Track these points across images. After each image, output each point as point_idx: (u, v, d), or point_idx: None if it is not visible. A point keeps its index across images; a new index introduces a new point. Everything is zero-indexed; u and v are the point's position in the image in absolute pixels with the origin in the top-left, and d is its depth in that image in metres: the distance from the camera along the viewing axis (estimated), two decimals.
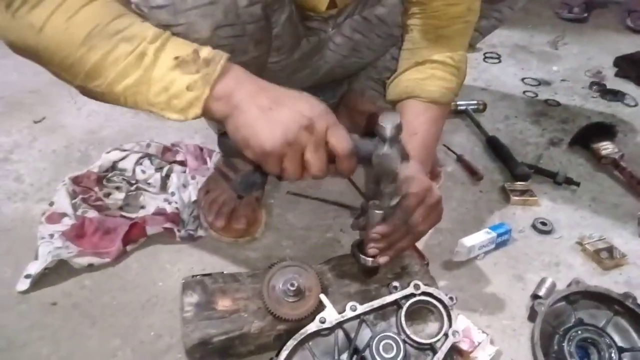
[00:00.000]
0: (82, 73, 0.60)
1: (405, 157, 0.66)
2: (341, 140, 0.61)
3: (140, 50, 0.58)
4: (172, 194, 1.03)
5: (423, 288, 0.70)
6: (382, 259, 0.73)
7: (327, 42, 1.00)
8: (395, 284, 0.71)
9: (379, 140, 0.63)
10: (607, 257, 0.98)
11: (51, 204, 0.99)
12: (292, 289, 0.71)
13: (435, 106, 0.87)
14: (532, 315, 0.83)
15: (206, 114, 0.60)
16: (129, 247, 0.94)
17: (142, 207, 1.02)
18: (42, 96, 1.45)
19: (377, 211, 0.70)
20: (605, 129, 1.36)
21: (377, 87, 1.15)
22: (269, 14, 0.73)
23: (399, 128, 0.63)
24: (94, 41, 0.59)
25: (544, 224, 1.07)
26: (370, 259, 0.74)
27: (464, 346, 0.78)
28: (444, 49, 0.86)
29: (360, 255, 0.75)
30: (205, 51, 0.60)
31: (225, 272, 0.83)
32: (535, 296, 0.88)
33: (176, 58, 0.59)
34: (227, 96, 0.60)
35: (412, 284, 0.70)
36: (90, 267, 0.90)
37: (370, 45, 1.02)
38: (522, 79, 1.71)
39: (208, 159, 1.14)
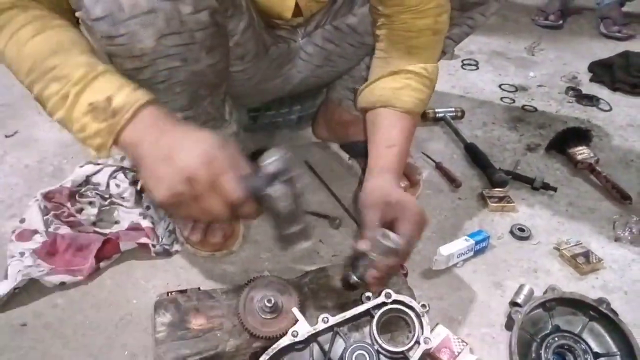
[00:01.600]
0: (33, 96, 0.66)
1: (299, 195, 0.62)
2: (230, 188, 0.59)
3: (64, 92, 0.62)
4: (147, 207, 1.01)
5: (394, 296, 0.69)
6: (379, 288, 0.72)
7: (298, 52, 1.00)
8: (368, 294, 0.71)
9: (265, 179, 0.60)
10: (583, 262, 0.98)
11: (22, 220, 0.96)
12: (268, 305, 0.70)
13: (408, 117, 0.87)
14: (509, 324, 0.83)
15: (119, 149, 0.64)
16: (102, 264, 0.91)
17: (116, 222, 1.00)
18: (14, 110, 1.42)
19: (389, 245, 0.69)
20: (581, 134, 1.38)
21: (354, 96, 1.15)
22: (219, 20, 0.72)
23: (284, 162, 0.60)
24: (33, 76, 0.64)
25: (522, 230, 1.07)
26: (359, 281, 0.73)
27: (444, 357, 0.78)
28: (416, 59, 0.87)
29: (353, 277, 0.73)
30: (119, 98, 0.61)
31: (201, 288, 0.82)
32: (513, 303, 0.88)
33: (90, 104, 0.61)
34: (131, 146, 0.62)
35: (383, 293, 0.70)
36: (62, 286, 0.88)
37: (343, 55, 1.02)
38: (500, 85, 1.73)
39: None
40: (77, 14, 0.66)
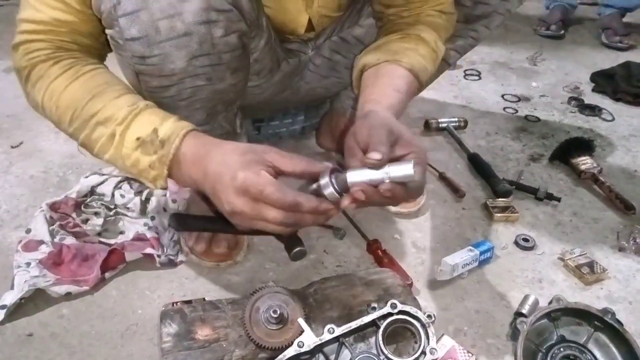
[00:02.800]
0: (77, 143, 0.70)
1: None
2: (275, 198, 0.58)
3: (110, 132, 0.65)
4: (152, 218, 1.01)
5: (400, 307, 0.69)
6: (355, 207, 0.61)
7: (307, 63, 1.01)
8: (374, 304, 0.71)
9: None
10: (588, 272, 0.98)
11: (28, 231, 0.97)
12: (274, 315, 0.70)
13: (412, 77, 0.78)
14: (514, 334, 0.83)
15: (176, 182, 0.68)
16: (107, 274, 0.92)
17: (122, 233, 1.00)
18: (20, 121, 1.43)
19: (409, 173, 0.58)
20: (584, 144, 1.39)
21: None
22: (245, 42, 0.73)
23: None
24: (76, 124, 0.67)
25: (526, 240, 1.07)
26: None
27: None
28: (429, 29, 0.83)
29: (332, 186, 0.61)
30: (164, 129, 0.64)
31: (206, 299, 0.82)
32: (518, 314, 0.88)
33: (138, 139, 0.64)
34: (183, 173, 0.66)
35: (389, 304, 0.70)
36: (68, 296, 0.88)
37: (349, 65, 1.03)
38: (502, 95, 1.74)
39: None
40: (107, 31, 0.67)
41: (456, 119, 1.49)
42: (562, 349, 0.77)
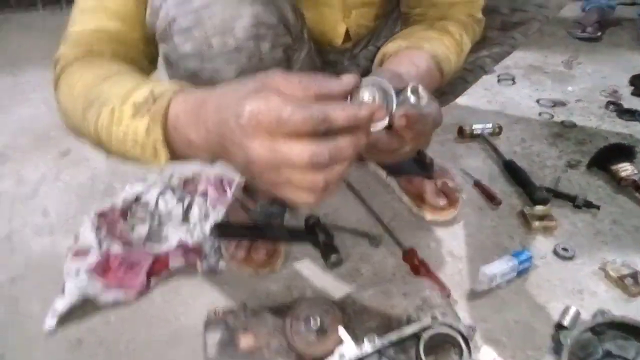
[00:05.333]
0: (91, 145, 0.63)
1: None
2: (296, 119, 0.43)
3: (111, 108, 0.56)
4: (194, 225, 1.04)
5: (441, 319, 0.70)
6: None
7: (342, 73, 1.02)
8: (414, 316, 0.72)
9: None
10: (632, 283, 0.96)
11: (76, 239, 1.01)
12: (315, 325, 0.72)
13: (434, 63, 0.75)
14: (557, 347, 0.82)
15: (176, 156, 0.55)
16: (152, 281, 0.95)
17: (165, 240, 1.03)
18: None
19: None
20: (623, 150, 1.35)
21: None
22: (290, 55, 0.75)
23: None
24: (87, 114, 0.60)
25: (565, 249, 1.06)
26: None
27: None
28: (456, 24, 0.82)
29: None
30: (161, 87, 0.55)
31: (246, 306, 0.84)
32: (559, 326, 0.87)
33: (134, 104, 0.54)
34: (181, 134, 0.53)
35: (429, 315, 0.70)
36: (115, 303, 0.92)
37: None
38: (537, 101, 1.71)
39: (228, 189, 1.16)
40: (161, 46, 0.69)
41: (490, 125, 1.48)
42: None
